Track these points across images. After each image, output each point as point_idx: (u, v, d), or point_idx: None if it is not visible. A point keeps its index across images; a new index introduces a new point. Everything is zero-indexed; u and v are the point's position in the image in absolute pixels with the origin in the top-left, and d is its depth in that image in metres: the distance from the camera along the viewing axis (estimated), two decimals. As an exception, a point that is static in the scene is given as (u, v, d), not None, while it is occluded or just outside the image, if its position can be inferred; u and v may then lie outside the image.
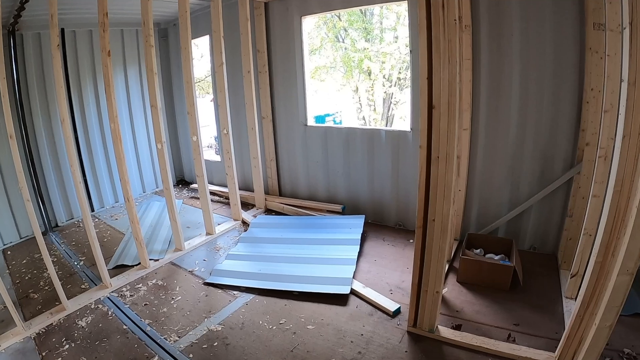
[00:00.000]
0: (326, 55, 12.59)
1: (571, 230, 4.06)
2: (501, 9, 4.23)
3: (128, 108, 7.23)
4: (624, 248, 2.24)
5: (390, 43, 11.62)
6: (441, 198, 2.95)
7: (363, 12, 11.74)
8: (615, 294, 2.31)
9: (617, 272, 2.27)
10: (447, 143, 2.84)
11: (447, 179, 2.89)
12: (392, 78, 12.15)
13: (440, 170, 2.90)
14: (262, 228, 5.58)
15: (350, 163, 5.83)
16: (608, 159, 3.08)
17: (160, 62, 7.79)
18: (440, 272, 3.12)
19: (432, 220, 3.02)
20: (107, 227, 6.16)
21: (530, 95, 4.27)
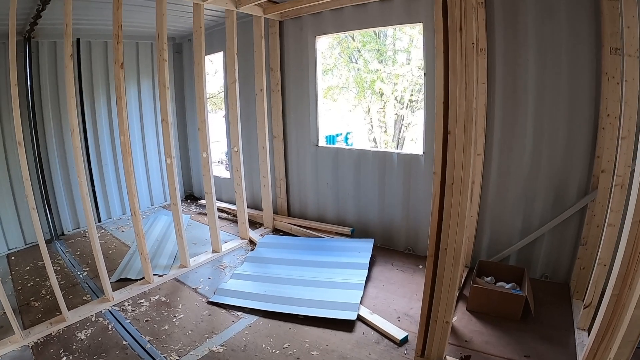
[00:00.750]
0: (339, 75, 12.63)
1: (584, 259, 3.96)
2: (517, 32, 4.22)
3: (140, 121, 7.27)
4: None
5: (402, 65, 11.63)
6: (454, 226, 2.87)
7: (377, 34, 11.79)
8: (631, 328, 2.20)
9: (635, 306, 2.17)
10: (462, 170, 2.77)
11: (461, 207, 2.81)
12: (403, 100, 12.13)
13: (454, 197, 2.82)
14: (269, 248, 5.51)
15: (360, 185, 5.78)
16: (625, 187, 3.04)
17: (174, 77, 7.85)
18: (451, 302, 3.02)
19: (445, 249, 2.94)
20: (113, 239, 6.14)
21: (544, 120, 4.22)
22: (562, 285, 4.37)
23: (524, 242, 4.52)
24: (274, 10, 5.57)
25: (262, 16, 5.59)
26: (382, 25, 5.34)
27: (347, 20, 5.45)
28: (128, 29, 6.08)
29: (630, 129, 2.99)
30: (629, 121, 2.98)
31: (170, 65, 7.55)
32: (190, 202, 8.14)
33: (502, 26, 4.28)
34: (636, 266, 2.30)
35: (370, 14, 5.23)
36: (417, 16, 4.89)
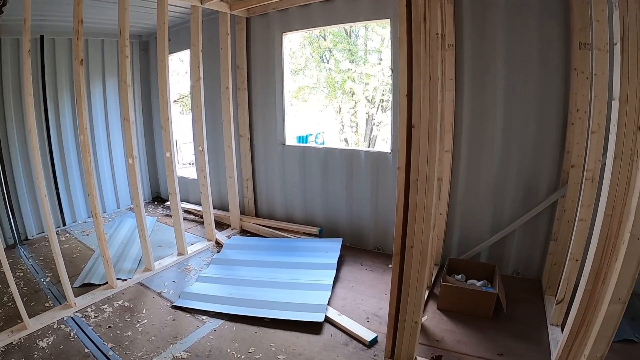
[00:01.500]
0: (310, 75, 12.55)
1: (556, 254, 3.94)
2: (486, 28, 4.19)
3: (105, 120, 7.02)
4: (615, 275, 2.11)
5: (374, 65, 11.62)
6: (420, 223, 2.78)
7: (348, 34, 11.76)
8: (606, 323, 2.15)
9: (609, 301, 2.12)
10: (427, 165, 2.68)
11: (427, 203, 2.72)
12: (375, 100, 12.13)
13: (419, 193, 2.73)
14: (235, 250, 5.35)
15: (328, 184, 5.67)
16: (595, 182, 3.02)
17: (141, 75, 7.64)
18: (419, 302, 2.92)
19: (411, 247, 2.85)
20: (78, 243, 5.89)
21: (514, 116, 4.20)
22: (534, 281, 4.34)
23: (495, 238, 4.48)
24: (241, 6, 5.44)
25: (228, 12, 5.44)
26: (350, 21, 5.23)
27: (314, 17, 5.35)
28: (95, 26, 5.99)
29: (600, 123, 2.97)
30: (598, 115, 2.96)
31: (136, 63, 7.48)
32: (157, 204, 7.91)
33: (471, 22, 4.24)
34: (609, 260, 2.25)
35: (338, 10, 5.14)
36: (385, 12, 4.82)
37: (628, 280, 2.07)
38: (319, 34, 11.82)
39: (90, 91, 6.70)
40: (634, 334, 3.30)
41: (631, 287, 2.09)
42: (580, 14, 3.49)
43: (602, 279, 2.29)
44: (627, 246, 2.03)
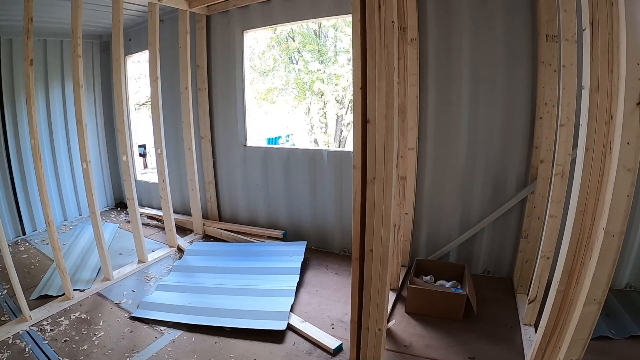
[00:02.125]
0: (279, 77, 12.39)
1: (527, 252, 3.86)
2: (450, 22, 4.10)
3: (64, 124, 6.70)
4: (590, 275, 1.98)
5: (343, 65, 11.52)
6: (379, 225, 2.61)
7: (317, 35, 11.65)
8: (581, 325, 2.03)
9: (584, 302, 2.00)
10: (384, 162, 2.51)
11: (386, 204, 2.55)
12: (344, 100, 12.04)
13: (377, 193, 2.56)
14: (197, 256, 5.11)
15: (291, 186, 5.49)
16: (565, 177, 2.94)
17: (101, 77, 7.33)
18: (382, 308, 2.76)
19: (370, 251, 2.68)
20: (37, 253, 5.55)
21: (480, 112, 4.12)
22: (505, 280, 4.27)
23: (464, 237, 4.38)
24: (200, 3, 5.20)
25: (187, 10, 5.21)
26: (312, 17, 5.08)
27: (275, 14, 5.17)
28: (54, 25, 5.72)
29: (569, 116, 2.89)
30: (567, 108, 2.88)
31: (97, 64, 7.17)
32: (120, 209, 7.58)
33: (435, 15, 4.15)
34: (583, 259, 2.14)
35: (299, 6, 4.97)
36: (347, 8, 4.59)
37: (603, 279, 1.96)
38: (288, 35, 11.69)
39: (49, 94, 6.39)
40: (609, 330, 3.24)
41: (607, 286, 1.98)
42: (547, 6, 3.42)
43: (576, 279, 2.18)
44: (602, 244, 1.92)
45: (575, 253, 2.19)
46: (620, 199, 1.89)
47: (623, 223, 1.91)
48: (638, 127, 1.82)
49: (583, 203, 2.12)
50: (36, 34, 5.65)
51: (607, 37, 1.94)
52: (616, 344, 3.17)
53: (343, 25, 11.02)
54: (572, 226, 2.17)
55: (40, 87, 6.27)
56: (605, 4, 1.92)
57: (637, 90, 1.79)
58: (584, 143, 2.07)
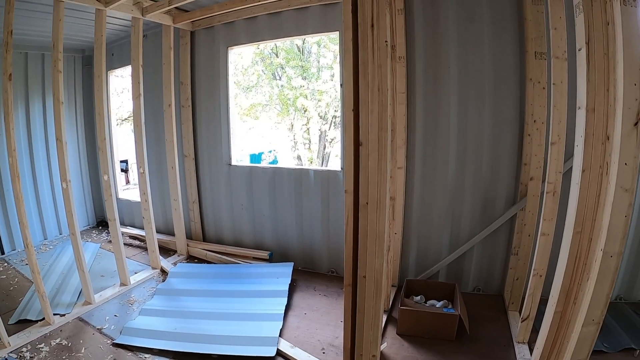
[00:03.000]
0: (262, 93, 12.35)
1: (518, 269, 3.83)
2: (438, 40, 4.10)
3: (45, 141, 6.52)
4: (588, 296, 1.97)
5: (326, 81, 11.53)
6: (372, 251, 2.53)
7: (301, 51, 11.66)
8: (580, 346, 2.02)
9: (582, 323, 1.98)
10: (377, 186, 2.44)
11: (379, 229, 2.48)
12: (327, 116, 12.04)
13: (370, 218, 2.49)
14: (181, 278, 4.96)
15: (277, 206, 5.39)
16: (557, 194, 2.93)
17: (83, 92, 7.19)
18: (376, 334, 2.68)
19: (363, 277, 2.60)
20: (16, 274, 5.33)
21: (469, 130, 4.11)
22: (496, 297, 4.23)
23: (454, 256, 4.33)
24: (185, 19, 5.13)
25: (171, 25, 5.13)
26: (298, 34, 5.05)
27: (261, 30, 5.12)
28: (34, 38, 5.61)
29: (560, 134, 2.89)
30: (558, 126, 2.88)
31: (79, 79, 7.04)
32: (102, 228, 7.38)
33: (422, 33, 4.15)
34: (580, 280, 2.11)
35: (285, 23, 4.94)
36: (334, 25, 4.65)
37: (602, 300, 1.95)
38: (272, 51, 11.67)
39: (29, 108, 6.24)
40: (602, 344, 3.22)
41: (605, 307, 1.96)
42: (535, 23, 3.44)
43: (573, 300, 2.15)
44: (600, 264, 1.92)
45: (572, 274, 2.16)
46: (618, 220, 1.88)
47: (621, 244, 1.91)
48: (635, 148, 1.82)
49: (580, 224, 2.10)
50: (17, 46, 5.55)
51: (603, 57, 1.93)
52: (610, 357, 3.16)
53: (327, 41, 11.05)
54: (569, 247, 2.14)
55: (21, 102, 6.12)
56: (601, 24, 1.92)
57: (634, 111, 1.79)
58: (580, 163, 2.05)
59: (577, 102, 2.10)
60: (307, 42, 11.58)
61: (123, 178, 8.32)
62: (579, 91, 2.07)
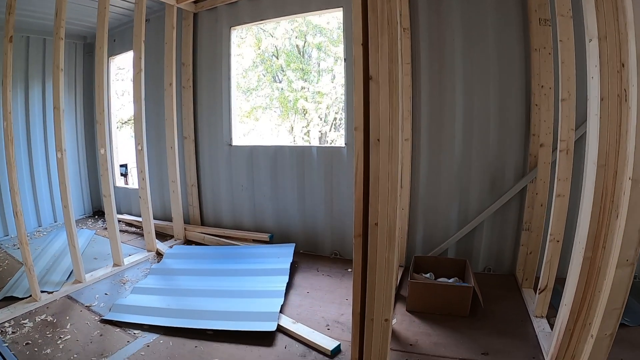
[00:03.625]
0: (263, 95, 12.30)
1: (530, 243, 3.69)
2: (441, 11, 4.06)
3: (43, 127, 6.43)
4: (620, 233, 1.83)
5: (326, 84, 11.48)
6: (385, 194, 2.30)
7: (301, 53, 11.64)
8: (615, 292, 1.86)
9: (615, 265, 1.83)
10: (389, 122, 2.27)
11: (392, 170, 2.28)
12: (327, 119, 11.96)
13: (382, 157, 2.29)
14: (177, 259, 4.79)
15: (278, 187, 5.26)
16: (570, 153, 2.85)
17: (84, 80, 7.10)
18: (389, 294, 2.41)
19: (375, 225, 2.34)
20: (6, 256, 5.22)
21: (474, 102, 4.04)
22: (507, 277, 4.08)
23: (462, 232, 4.19)
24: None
25: (174, 5, 5.08)
26: (301, 12, 4.96)
27: (264, 9, 5.06)
28: (36, 21, 5.57)
29: (570, 90, 2.84)
30: (567, 82, 2.83)
31: (79, 66, 6.97)
32: (98, 217, 7.23)
33: (426, 5, 4.09)
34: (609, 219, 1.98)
35: (289, 1, 4.88)
36: (337, 2, 4.60)
37: (635, 235, 1.81)
38: (272, 54, 11.65)
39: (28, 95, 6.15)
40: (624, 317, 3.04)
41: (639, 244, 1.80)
42: None
43: (603, 242, 1.99)
44: (630, 194, 1.78)
45: (600, 213, 2.02)
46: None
47: (650, 169, 1.78)
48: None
49: (604, 156, 1.99)
50: (18, 29, 5.43)
51: None
52: (632, 330, 3.03)
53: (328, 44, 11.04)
54: (594, 184, 2.02)
55: (20, 87, 6.05)
56: None
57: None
58: (597, 93, 1.99)
59: (587, 34, 2.06)
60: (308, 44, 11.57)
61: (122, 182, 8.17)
62: (589, 23, 2.04)
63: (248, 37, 10.60)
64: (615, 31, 1.92)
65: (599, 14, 1.94)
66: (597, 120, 1.99)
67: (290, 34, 11.24)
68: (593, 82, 2.02)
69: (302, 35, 11.34)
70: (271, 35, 11.20)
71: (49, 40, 6.17)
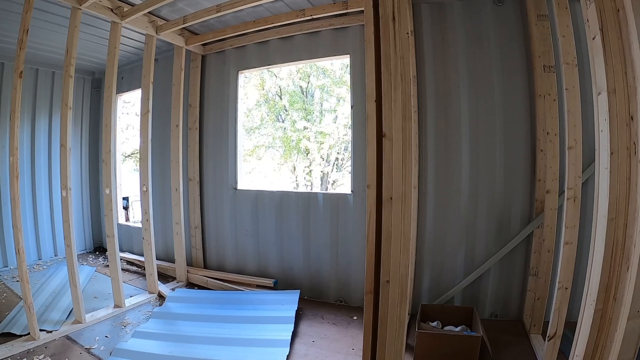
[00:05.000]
0: (266, 134, 12.41)
1: (538, 289, 3.66)
2: (447, 60, 4.17)
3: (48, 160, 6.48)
4: (631, 285, 1.84)
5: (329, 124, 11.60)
6: (397, 252, 2.34)
7: (304, 93, 11.81)
8: (626, 343, 1.86)
9: (627, 316, 1.82)
10: (402, 180, 2.31)
11: (405, 227, 2.31)
12: (330, 158, 12.03)
13: (394, 215, 2.32)
14: (180, 303, 4.70)
15: (283, 232, 5.21)
16: (578, 200, 2.86)
17: (90, 115, 7.22)
18: (400, 350, 2.43)
19: (387, 282, 2.38)
20: (5, 289, 5.14)
21: (480, 149, 4.08)
22: (515, 323, 4.01)
23: (469, 279, 4.14)
24: (197, 40, 5.24)
25: (183, 47, 5.22)
26: (309, 58, 5.08)
27: (272, 54, 5.18)
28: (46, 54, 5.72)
29: (576, 138, 2.88)
30: (574, 130, 2.88)
31: (87, 101, 7.10)
32: (98, 254, 7.16)
33: (432, 54, 4.21)
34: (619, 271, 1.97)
35: (297, 47, 5.00)
36: (344, 48, 4.72)
37: None
38: (276, 93, 11.83)
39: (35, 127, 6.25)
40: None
41: (651, 296, 1.80)
42: (541, 39, 3.57)
43: (614, 294, 1.98)
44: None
45: (610, 266, 2.02)
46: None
47: (660, 223, 1.79)
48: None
49: (614, 210, 2.00)
50: (28, 61, 5.58)
51: (618, 41, 1.99)
52: None
53: (330, 85, 11.22)
54: (604, 237, 2.02)
55: (27, 118, 6.14)
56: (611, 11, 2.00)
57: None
58: (607, 147, 2.01)
59: (595, 88, 2.12)
60: (311, 85, 11.76)
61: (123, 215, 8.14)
62: (598, 76, 2.09)
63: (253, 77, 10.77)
64: (624, 84, 1.97)
65: (607, 68, 1.99)
66: (607, 175, 2.01)
67: (295, 75, 11.43)
68: (602, 135, 2.05)
69: (306, 77, 11.53)
70: (275, 76, 11.39)
71: (57, 74, 6.32)
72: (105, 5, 4.14)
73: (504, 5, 3.98)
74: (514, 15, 3.95)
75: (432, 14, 4.19)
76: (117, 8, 4.25)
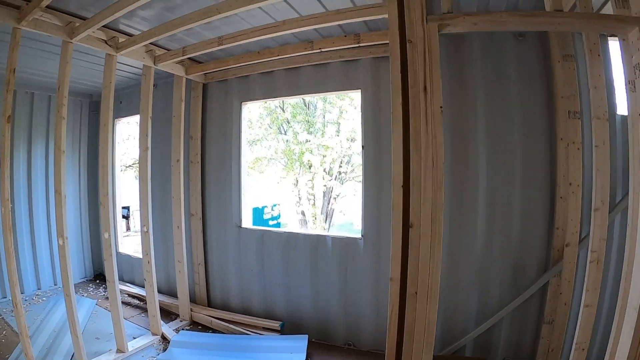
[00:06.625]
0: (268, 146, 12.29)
1: (552, 339, 3.52)
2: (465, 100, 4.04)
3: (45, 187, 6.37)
4: None
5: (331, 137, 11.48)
6: (419, 347, 2.21)
7: (306, 105, 11.68)
8: None
9: None
10: (429, 273, 2.17)
11: (429, 321, 2.18)
12: (332, 172, 11.90)
13: (419, 310, 2.19)
14: (184, 348, 4.54)
15: (290, 273, 5.06)
16: (601, 263, 2.72)
17: (88, 140, 7.09)
18: None
19: None
20: (4, 326, 5.00)
21: (497, 194, 3.94)
22: (527, 370, 3.88)
23: (482, 328, 3.99)
24: (198, 70, 5.07)
25: (184, 76, 5.06)
26: (317, 92, 4.96)
27: (277, 86, 5.03)
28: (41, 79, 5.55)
29: (603, 199, 2.72)
30: (601, 190, 2.72)
31: (84, 125, 7.00)
32: (99, 282, 6.98)
33: (448, 91, 4.00)
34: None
35: (304, 79, 4.86)
36: (356, 83, 4.58)
37: None
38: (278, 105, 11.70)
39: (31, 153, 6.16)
40: None
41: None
42: (566, 82, 3.37)
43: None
44: None
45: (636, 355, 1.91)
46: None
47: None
48: None
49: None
50: (23, 85, 5.48)
51: None
52: None
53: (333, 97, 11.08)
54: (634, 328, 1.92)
55: (23, 145, 6.04)
56: None
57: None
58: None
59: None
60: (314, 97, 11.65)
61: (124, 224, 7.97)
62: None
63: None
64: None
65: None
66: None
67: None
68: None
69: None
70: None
71: (54, 98, 6.09)
72: (99, 37, 4.00)
73: (525, 40, 3.84)
74: (536, 50, 3.80)
75: (448, 47, 3.98)
76: (112, 39, 4.11)
